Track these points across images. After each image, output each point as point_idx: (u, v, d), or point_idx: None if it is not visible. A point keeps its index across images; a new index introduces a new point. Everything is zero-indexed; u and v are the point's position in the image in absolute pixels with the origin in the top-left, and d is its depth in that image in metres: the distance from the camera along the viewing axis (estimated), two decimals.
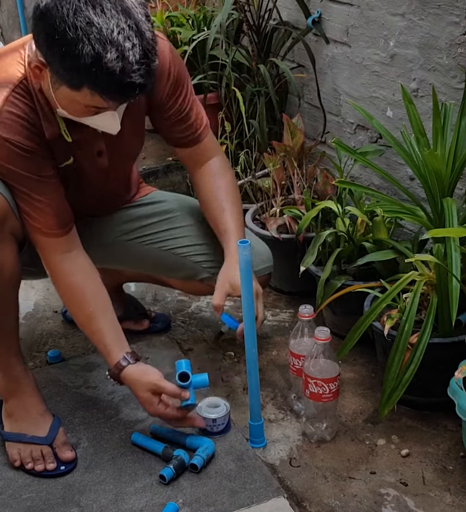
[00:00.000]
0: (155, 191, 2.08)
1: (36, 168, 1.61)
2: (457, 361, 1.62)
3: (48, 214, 1.65)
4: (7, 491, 1.63)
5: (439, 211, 1.79)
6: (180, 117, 1.80)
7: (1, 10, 4.78)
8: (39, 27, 1.42)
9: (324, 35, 2.49)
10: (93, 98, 1.45)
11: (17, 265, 1.65)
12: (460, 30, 1.92)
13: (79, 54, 1.37)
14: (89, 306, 1.69)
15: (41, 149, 1.61)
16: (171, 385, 1.65)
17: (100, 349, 1.71)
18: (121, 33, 1.38)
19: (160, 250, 1.97)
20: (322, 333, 1.69)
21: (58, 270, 1.71)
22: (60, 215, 1.67)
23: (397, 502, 1.58)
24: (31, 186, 1.62)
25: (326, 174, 2.35)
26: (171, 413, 1.66)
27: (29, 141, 1.58)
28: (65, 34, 1.37)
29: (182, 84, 1.78)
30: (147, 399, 1.66)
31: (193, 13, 3.14)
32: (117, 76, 1.39)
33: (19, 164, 1.59)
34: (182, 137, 1.84)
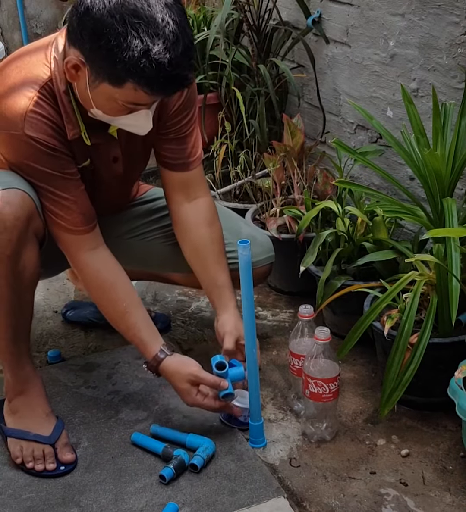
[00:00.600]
0: (154, 188, 2.09)
1: (61, 166, 1.63)
2: (457, 361, 1.61)
3: (74, 211, 1.66)
4: (7, 491, 1.63)
5: (439, 211, 1.79)
6: (177, 138, 1.80)
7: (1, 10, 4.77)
8: (84, 22, 1.44)
9: (324, 35, 2.49)
10: (136, 94, 1.47)
11: (38, 267, 1.66)
12: (460, 30, 1.92)
13: (127, 46, 1.40)
14: (123, 302, 1.70)
15: (64, 148, 1.63)
16: (210, 375, 1.68)
17: (136, 343, 1.72)
18: (167, 27, 1.41)
19: (163, 245, 1.98)
20: (322, 333, 1.69)
21: (87, 268, 1.71)
22: (85, 212, 1.69)
23: (397, 502, 1.58)
24: (57, 184, 1.63)
25: (326, 174, 2.35)
26: (209, 403, 1.69)
27: (53, 139, 1.60)
28: (114, 27, 1.40)
29: (191, 107, 1.79)
30: (186, 390, 1.68)
31: (193, 13, 3.14)
32: (165, 68, 1.42)
33: (45, 162, 1.60)
34: (172, 158, 1.82)
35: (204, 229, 1.85)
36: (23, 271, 1.61)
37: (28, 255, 1.61)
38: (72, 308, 2.29)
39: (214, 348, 2.13)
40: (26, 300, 1.68)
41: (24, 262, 1.61)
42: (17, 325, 1.65)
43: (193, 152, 1.83)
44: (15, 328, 1.65)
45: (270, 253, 2.00)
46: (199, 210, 1.85)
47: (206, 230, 1.85)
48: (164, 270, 2.08)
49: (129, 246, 1.99)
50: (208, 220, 1.86)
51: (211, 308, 2.29)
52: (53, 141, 1.60)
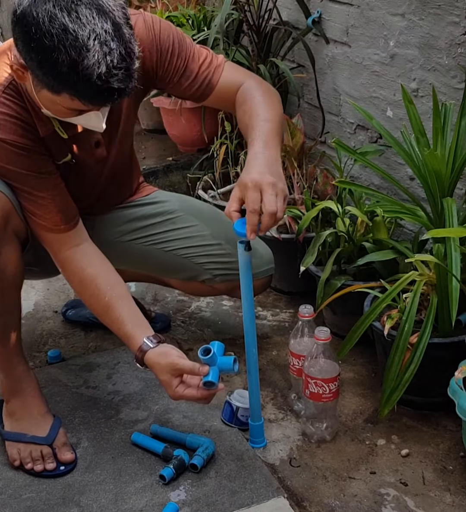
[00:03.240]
0: (157, 191, 2.08)
1: (35, 165, 1.61)
2: (457, 361, 1.61)
3: (52, 210, 1.65)
4: (7, 491, 1.63)
5: (439, 211, 1.79)
6: (181, 73, 1.74)
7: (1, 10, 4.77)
8: (16, 32, 1.40)
9: (324, 35, 2.49)
10: (73, 102, 1.44)
11: (20, 266, 1.65)
12: (460, 30, 1.92)
13: (55, 61, 1.35)
14: (105, 296, 1.67)
15: (37, 146, 1.61)
16: (189, 362, 1.59)
17: (121, 338, 1.68)
18: (97, 39, 1.35)
19: (162, 251, 1.96)
20: (322, 333, 1.69)
21: (69, 265, 1.70)
22: (64, 210, 1.67)
23: (397, 502, 1.58)
24: (32, 184, 1.62)
25: (326, 174, 2.35)
26: (189, 393, 1.59)
27: (24, 139, 1.58)
28: (41, 41, 1.34)
29: (169, 45, 1.71)
30: (166, 381, 1.60)
31: (193, 13, 3.14)
32: (94, 82, 1.36)
33: (17, 163, 1.59)
34: (196, 90, 1.75)
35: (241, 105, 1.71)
36: (3, 270, 1.60)
37: (7, 255, 1.61)
38: (72, 307, 2.29)
39: None
40: (11, 300, 1.66)
41: (4, 261, 1.60)
42: (4, 325, 1.65)
43: (207, 69, 1.73)
44: (3, 329, 1.65)
45: (269, 265, 1.99)
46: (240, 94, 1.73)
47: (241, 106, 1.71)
48: (162, 274, 2.08)
49: (126, 248, 1.98)
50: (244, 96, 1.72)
51: (212, 307, 2.31)
52: (24, 140, 1.58)
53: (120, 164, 1.90)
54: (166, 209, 1.99)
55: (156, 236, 1.97)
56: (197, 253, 1.95)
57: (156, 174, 3.09)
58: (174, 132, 3.26)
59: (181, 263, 1.95)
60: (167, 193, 2.11)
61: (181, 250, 1.95)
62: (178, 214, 1.98)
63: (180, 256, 1.95)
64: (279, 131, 1.66)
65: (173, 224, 1.97)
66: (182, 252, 1.95)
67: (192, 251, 1.94)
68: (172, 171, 3.13)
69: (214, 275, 1.94)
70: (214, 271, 1.94)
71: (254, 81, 1.77)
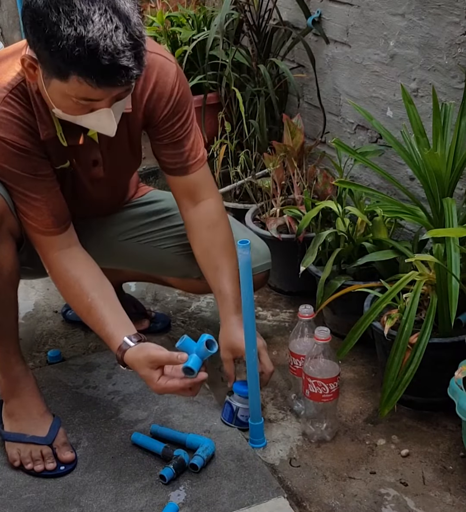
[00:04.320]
0: (152, 191, 2.08)
1: (32, 167, 1.62)
2: (457, 361, 1.62)
3: (44, 213, 1.65)
4: (7, 491, 1.63)
5: (439, 211, 1.79)
6: (172, 142, 1.76)
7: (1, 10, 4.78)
8: (25, 15, 1.43)
9: (324, 35, 2.49)
10: (81, 87, 1.43)
11: (16, 264, 1.65)
12: (460, 30, 1.92)
13: (62, 35, 1.37)
14: (88, 297, 1.66)
15: (36, 149, 1.62)
16: (166, 352, 1.57)
17: (103, 339, 1.67)
18: (103, 15, 1.37)
19: (158, 249, 1.97)
20: (322, 333, 1.69)
21: (55, 267, 1.70)
22: (57, 214, 1.67)
23: (397, 502, 1.58)
24: (27, 185, 1.62)
25: (326, 174, 2.35)
26: (172, 384, 1.56)
27: (24, 140, 1.59)
28: (48, 17, 1.37)
29: (183, 111, 1.74)
30: (147, 376, 1.58)
31: (193, 13, 3.14)
32: (100, 56, 1.37)
33: (14, 163, 1.59)
34: (170, 163, 1.79)
35: (205, 233, 1.82)
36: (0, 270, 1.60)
37: (3, 253, 1.61)
38: None
39: None
40: (8, 299, 1.66)
41: (0, 260, 1.60)
42: (0, 325, 1.65)
43: (192, 155, 1.78)
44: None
45: (266, 260, 1.98)
46: (202, 213, 1.83)
47: (207, 234, 1.82)
48: (159, 273, 2.07)
49: (123, 247, 1.98)
50: (209, 223, 1.82)
51: (211, 307, 2.30)
52: (24, 142, 1.59)
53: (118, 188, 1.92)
54: (162, 208, 1.99)
55: (152, 234, 1.98)
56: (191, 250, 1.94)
57: (156, 174, 3.09)
58: None
59: (177, 259, 1.96)
60: (162, 192, 2.11)
61: (176, 247, 1.95)
62: (173, 212, 1.97)
63: (175, 254, 1.96)
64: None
65: (169, 222, 1.97)
66: (177, 249, 1.95)
67: (188, 248, 1.93)
68: None
69: None
70: None
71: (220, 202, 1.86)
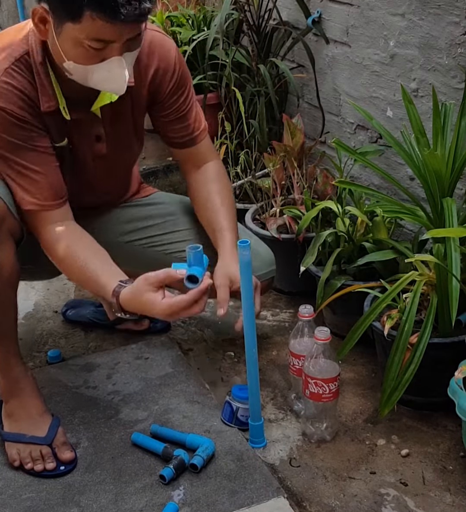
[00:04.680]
0: (157, 192, 2.08)
1: (31, 138, 1.63)
2: (457, 361, 1.62)
3: (43, 186, 1.66)
4: (7, 491, 1.63)
5: (439, 211, 1.79)
6: (178, 117, 1.83)
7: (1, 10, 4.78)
8: None
9: (324, 35, 2.49)
10: (95, 25, 1.46)
11: (15, 265, 1.65)
12: (460, 30, 1.92)
13: None
14: (79, 260, 1.65)
15: (36, 121, 1.63)
16: (163, 270, 1.54)
17: (98, 291, 1.64)
18: None
19: (163, 254, 1.96)
20: (322, 333, 1.69)
21: (51, 237, 1.69)
22: (55, 188, 1.68)
23: (397, 502, 1.58)
24: (27, 157, 1.63)
25: (326, 174, 2.35)
26: (180, 298, 1.52)
27: (23, 111, 1.61)
28: None
29: (185, 85, 1.82)
30: (150, 299, 1.52)
31: (193, 13, 3.14)
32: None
33: (14, 132, 1.61)
34: (177, 137, 1.87)
35: (210, 185, 1.89)
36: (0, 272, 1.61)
37: (3, 254, 1.61)
38: (72, 307, 2.29)
39: (214, 348, 2.14)
40: (7, 300, 1.66)
41: (0, 261, 1.60)
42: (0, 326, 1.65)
43: (196, 126, 1.86)
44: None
45: (271, 267, 1.99)
46: (207, 172, 1.91)
47: (212, 185, 1.89)
48: None
49: (127, 250, 1.97)
50: (212, 178, 1.90)
51: (212, 307, 2.30)
52: (23, 112, 1.61)
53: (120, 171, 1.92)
54: (166, 211, 1.99)
55: (156, 238, 1.97)
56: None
57: (156, 174, 3.09)
58: None
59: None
60: (167, 194, 2.11)
61: (181, 253, 1.95)
62: (177, 216, 1.98)
63: (180, 259, 1.95)
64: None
65: (173, 226, 1.98)
66: (183, 255, 1.95)
67: None
68: (172, 171, 3.13)
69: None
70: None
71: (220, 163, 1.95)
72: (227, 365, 2.06)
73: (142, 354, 2.07)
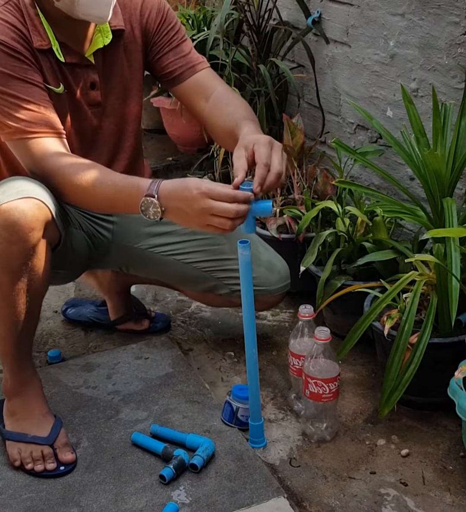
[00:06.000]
0: None
1: (23, 70, 1.61)
2: (457, 361, 1.62)
3: (37, 116, 1.60)
4: (7, 491, 1.63)
5: (439, 211, 1.79)
6: (172, 48, 1.83)
7: None
8: None
9: (324, 35, 2.49)
10: None
11: (48, 276, 1.65)
12: (460, 30, 1.92)
13: None
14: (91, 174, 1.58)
15: (28, 54, 1.63)
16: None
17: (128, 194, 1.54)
18: None
19: (182, 263, 1.95)
20: (322, 333, 1.69)
21: (53, 164, 1.60)
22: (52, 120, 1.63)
23: (397, 502, 1.58)
24: (19, 88, 1.60)
25: (326, 174, 2.35)
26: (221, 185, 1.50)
27: (15, 42, 1.61)
28: None
29: (175, 22, 1.84)
30: (192, 196, 1.46)
31: (193, 13, 3.14)
32: None
33: (5, 63, 1.59)
34: (177, 68, 1.82)
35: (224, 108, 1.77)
36: (33, 280, 1.60)
37: (40, 264, 1.60)
38: (72, 306, 2.29)
39: (214, 348, 2.14)
40: (35, 308, 1.67)
41: (36, 271, 1.59)
42: (22, 331, 1.65)
43: (194, 57, 1.84)
44: (20, 334, 1.65)
45: (286, 281, 1.99)
46: (216, 99, 1.80)
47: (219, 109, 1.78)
48: (179, 284, 2.07)
49: (146, 256, 1.95)
50: (225, 101, 1.78)
51: (212, 307, 2.30)
52: (15, 44, 1.61)
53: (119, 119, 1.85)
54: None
55: (175, 245, 1.94)
56: (217, 267, 1.94)
57: (156, 174, 3.09)
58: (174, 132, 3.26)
59: (201, 276, 1.95)
60: None
61: (201, 263, 1.94)
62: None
63: (200, 270, 1.94)
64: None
65: (193, 234, 1.93)
66: (202, 265, 1.94)
67: (212, 265, 1.93)
68: (172, 171, 3.13)
69: (233, 290, 1.94)
70: (233, 287, 1.92)
71: (227, 86, 1.87)
72: (227, 365, 2.06)
73: (142, 354, 2.07)
